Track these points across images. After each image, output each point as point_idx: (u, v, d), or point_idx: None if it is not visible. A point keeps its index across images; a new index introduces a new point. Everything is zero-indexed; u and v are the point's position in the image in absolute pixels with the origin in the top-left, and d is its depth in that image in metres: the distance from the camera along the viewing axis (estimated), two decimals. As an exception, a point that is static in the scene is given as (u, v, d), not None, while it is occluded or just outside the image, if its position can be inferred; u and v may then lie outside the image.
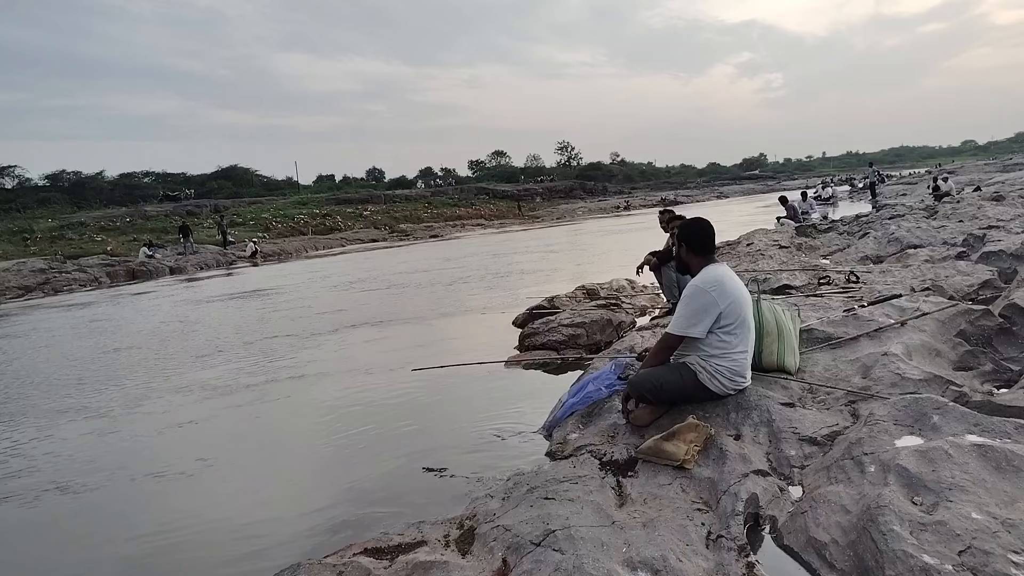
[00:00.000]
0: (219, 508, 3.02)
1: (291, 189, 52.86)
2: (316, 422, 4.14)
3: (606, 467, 2.59)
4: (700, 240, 2.86)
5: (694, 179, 71.40)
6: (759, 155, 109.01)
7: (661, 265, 5.48)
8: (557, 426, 3.31)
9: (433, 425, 3.86)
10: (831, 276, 5.68)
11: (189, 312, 10.31)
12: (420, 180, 63.24)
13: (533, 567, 1.89)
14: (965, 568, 1.60)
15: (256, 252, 22.71)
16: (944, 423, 2.24)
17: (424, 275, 12.53)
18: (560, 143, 76.25)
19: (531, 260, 13.65)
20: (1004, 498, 1.83)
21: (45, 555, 2.75)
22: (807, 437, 2.53)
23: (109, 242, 25.13)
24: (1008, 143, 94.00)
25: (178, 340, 7.61)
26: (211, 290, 13.77)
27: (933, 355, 3.28)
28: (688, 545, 1.98)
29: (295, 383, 5.08)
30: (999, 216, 8.74)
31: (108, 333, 8.78)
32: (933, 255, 6.70)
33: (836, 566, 1.83)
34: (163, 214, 33.46)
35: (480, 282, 10.57)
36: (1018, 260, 5.82)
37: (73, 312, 12.06)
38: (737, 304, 2.71)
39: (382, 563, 2.09)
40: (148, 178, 49.52)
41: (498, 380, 4.64)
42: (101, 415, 4.70)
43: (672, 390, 2.81)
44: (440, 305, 8.52)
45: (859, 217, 12.41)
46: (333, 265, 17.92)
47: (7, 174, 42.15)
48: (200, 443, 3.96)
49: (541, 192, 50.77)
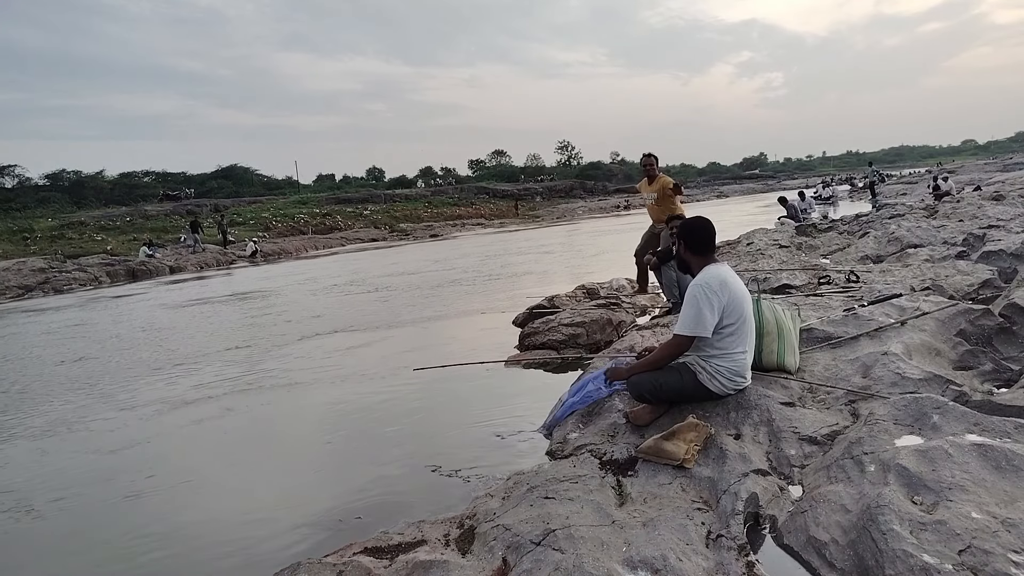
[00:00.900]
0: (219, 508, 3.02)
1: (291, 188, 52.86)
2: (316, 423, 4.15)
3: (606, 466, 2.59)
4: (701, 239, 2.84)
5: (694, 178, 71.30)
6: (759, 155, 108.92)
7: (661, 265, 5.48)
8: (557, 425, 3.31)
9: (433, 424, 3.86)
10: (831, 275, 5.68)
11: (163, 317, 9.75)
12: (420, 179, 63.15)
13: (533, 566, 1.89)
14: (965, 567, 1.60)
15: (256, 252, 22.69)
16: (944, 422, 2.24)
17: (414, 277, 12.13)
18: (560, 142, 76.18)
19: (523, 263, 13.33)
20: (1004, 497, 1.83)
21: (44, 553, 2.76)
22: (807, 436, 2.53)
23: (109, 241, 25.15)
24: (1008, 142, 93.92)
25: (138, 350, 7.05)
26: (197, 292, 13.30)
27: (933, 354, 3.28)
28: (688, 544, 1.98)
29: (289, 387, 5.08)
30: (999, 216, 8.73)
31: (69, 342, 8.08)
32: (933, 255, 6.70)
33: (836, 565, 1.83)
34: (163, 214, 33.48)
35: (471, 285, 10.31)
36: (1018, 260, 5.81)
37: (46, 317, 11.33)
38: (738, 304, 2.71)
39: (382, 562, 2.09)
40: (148, 178, 49.50)
41: (498, 379, 4.64)
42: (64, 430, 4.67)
43: (672, 390, 2.82)
44: (423, 311, 8.02)
45: (859, 216, 12.39)
46: (332, 265, 17.90)
47: (7, 173, 42.12)
48: (200, 443, 3.96)
49: (541, 192, 50.74)
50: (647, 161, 6.35)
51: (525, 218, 37.49)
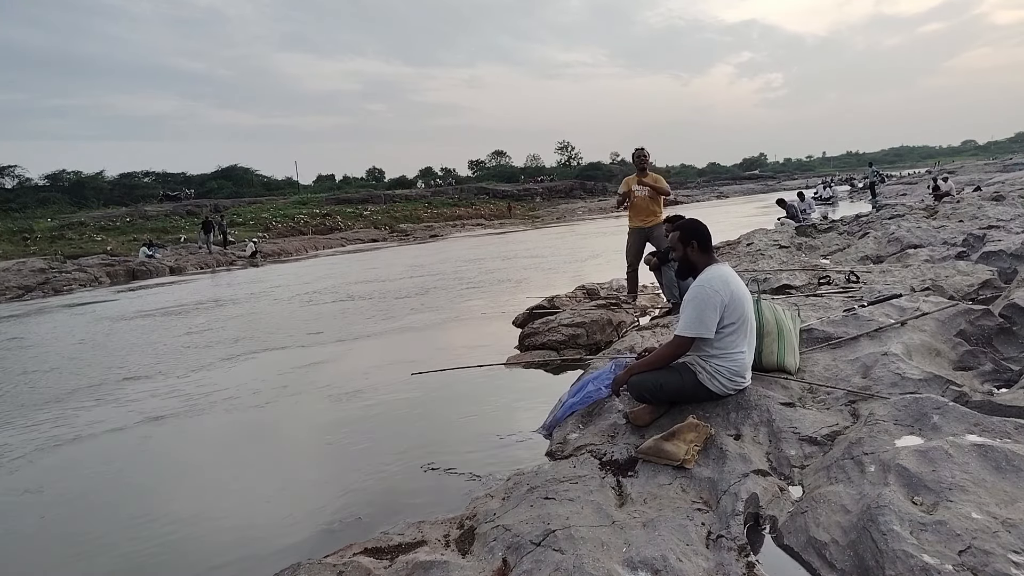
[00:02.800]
0: (219, 508, 3.02)
1: (291, 189, 52.88)
2: (316, 423, 4.14)
3: (606, 467, 2.59)
4: (708, 237, 2.92)
5: (694, 179, 71.33)
6: (759, 155, 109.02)
7: (661, 265, 5.48)
8: (557, 426, 3.31)
9: (433, 425, 3.86)
10: (831, 276, 5.68)
11: (104, 330, 8.80)
12: (420, 180, 63.16)
13: (533, 567, 1.89)
14: (965, 568, 1.60)
15: (256, 252, 22.69)
16: (944, 423, 2.24)
17: (389, 284, 11.01)
18: (560, 143, 76.31)
19: (504, 269, 12.52)
20: (1004, 498, 1.83)
21: (43, 546, 2.75)
22: (807, 437, 2.53)
23: (109, 242, 25.13)
24: (1008, 143, 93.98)
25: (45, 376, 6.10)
26: (155, 301, 11.95)
27: (933, 355, 3.28)
28: (688, 545, 1.98)
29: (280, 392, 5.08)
30: (999, 216, 8.73)
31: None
32: (933, 255, 6.70)
33: (836, 566, 1.83)
34: (163, 214, 33.48)
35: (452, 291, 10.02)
36: (1018, 260, 5.82)
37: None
38: (739, 303, 2.72)
39: (382, 563, 2.09)
40: (148, 178, 49.53)
41: (498, 380, 4.63)
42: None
43: (672, 390, 2.82)
44: (376, 325, 7.26)
45: (859, 217, 12.40)
46: (326, 267, 17.89)
47: (7, 174, 42.12)
48: (198, 444, 3.96)
49: (541, 192, 50.74)
50: (641, 155, 6.44)
51: (517, 219, 37.20)
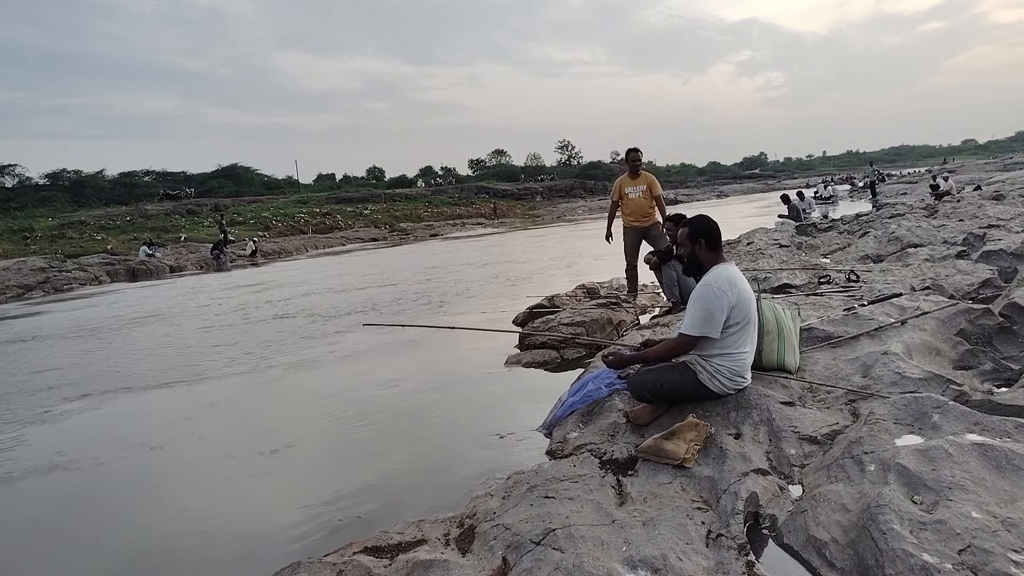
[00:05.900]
0: (219, 507, 3.02)
1: (291, 188, 52.79)
2: (315, 422, 4.14)
3: (606, 466, 2.59)
4: (716, 235, 2.87)
5: (694, 178, 71.31)
6: (759, 154, 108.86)
7: (661, 264, 5.48)
8: (557, 425, 3.31)
9: (433, 424, 3.86)
10: (831, 275, 5.68)
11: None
12: (420, 179, 63.06)
13: (533, 566, 1.89)
14: (965, 567, 1.60)
15: (256, 251, 22.68)
16: (944, 422, 2.24)
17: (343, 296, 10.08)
18: (560, 142, 76.23)
19: (508, 272, 12.52)
20: (1004, 497, 1.83)
21: (42, 551, 2.76)
22: (807, 436, 2.53)
23: (109, 241, 25.12)
24: (1008, 142, 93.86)
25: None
26: (106, 312, 10.82)
27: (933, 354, 3.28)
28: (688, 544, 1.98)
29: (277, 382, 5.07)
30: (999, 215, 8.73)
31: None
32: (933, 254, 6.70)
33: (836, 565, 1.83)
34: (163, 213, 33.44)
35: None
36: (1018, 259, 5.81)
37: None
38: (746, 305, 2.71)
39: (382, 562, 2.09)
40: (148, 177, 49.42)
41: (498, 379, 4.64)
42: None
43: (672, 389, 2.82)
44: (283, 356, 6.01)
45: (859, 216, 12.40)
46: (323, 268, 17.88)
47: (7, 173, 42.04)
48: (199, 443, 3.96)
49: (541, 191, 50.66)
50: (635, 156, 6.46)
51: (506, 221, 36.66)
